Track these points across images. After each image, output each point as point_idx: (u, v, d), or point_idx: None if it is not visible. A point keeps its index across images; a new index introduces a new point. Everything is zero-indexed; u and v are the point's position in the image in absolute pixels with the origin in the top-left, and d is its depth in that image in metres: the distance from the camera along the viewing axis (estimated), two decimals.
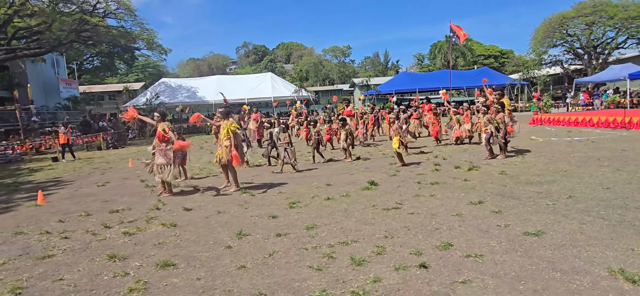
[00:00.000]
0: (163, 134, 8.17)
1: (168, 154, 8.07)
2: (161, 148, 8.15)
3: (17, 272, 4.48)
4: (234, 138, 8.05)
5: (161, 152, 8.12)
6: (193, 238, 5.32)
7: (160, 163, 8.06)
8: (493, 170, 8.64)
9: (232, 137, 8.00)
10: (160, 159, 8.08)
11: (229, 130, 7.98)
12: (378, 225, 5.34)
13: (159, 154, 8.15)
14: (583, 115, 18.00)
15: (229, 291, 3.68)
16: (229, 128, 8.00)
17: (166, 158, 8.04)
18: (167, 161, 8.04)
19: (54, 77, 41.19)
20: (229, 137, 7.95)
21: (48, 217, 6.99)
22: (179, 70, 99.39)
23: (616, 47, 35.81)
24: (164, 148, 8.11)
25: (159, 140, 8.23)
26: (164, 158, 8.05)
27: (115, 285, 4.00)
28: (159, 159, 8.09)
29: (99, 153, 20.41)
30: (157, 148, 8.29)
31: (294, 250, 4.62)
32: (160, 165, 8.06)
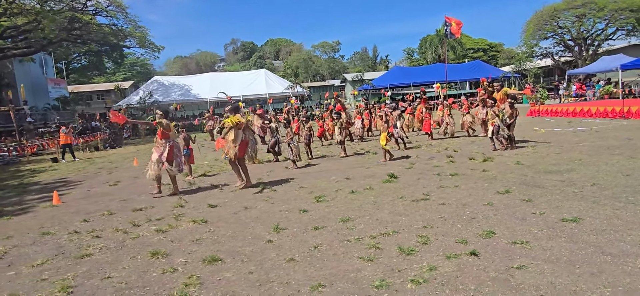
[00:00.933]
0: (161, 132, 8.10)
1: (163, 150, 8.01)
2: (158, 145, 8.10)
3: (60, 272, 4.44)
4: (243, 132, 8.01)
5: (157, 150, 8.06)
6: (229, 233, 5.32)
7: (155, 160, 8.01)
8: (508, 160, 8.77)
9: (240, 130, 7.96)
10: (155, 155, 8.03)
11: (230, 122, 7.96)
12: (412, 216, 5.40)
13: (155, 151, 8.10)
14: (581, 106, 18.32)
15: (286, 284, 3.70)
16: (228, 122, 7.97)
17: (162, 155, 7.98)
18: (162, 158, 7.97)
19: (42, 77, 40.50)
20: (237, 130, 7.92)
21: (70, 217, 6.91)
22: (166, 68, 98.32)
23: (606, 38, 36.44)
24: (161, 145, 8.06)
25: (160, 137, 8.15)
26: (160, 155, 7.98)
27: (167, 280, 3.99)
28: (154, 155, 8.04)
29: (97, 153, 20.16)
30: (155, 145, 8.24)
31: (337, 242, 4.65)
32: (154, 162, 8.01)
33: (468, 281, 3.45)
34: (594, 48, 37.26)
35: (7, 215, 7.39)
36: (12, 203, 8.61)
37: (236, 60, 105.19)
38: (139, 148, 20.71)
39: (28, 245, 5.54)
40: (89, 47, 39.67)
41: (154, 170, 8.07)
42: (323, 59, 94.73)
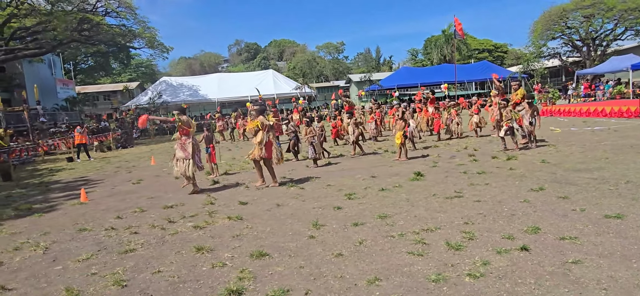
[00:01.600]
0: (183, 129, 8.11)
1: (187, 148, 8.01)
2: (181, 142, 8.10)
3: (107, 266, 4.48)
4: (268, 133, 8.03)
5: (181, 146, 8.07)
6: (268, 229, 5.35)
7: (179, 157, 8.01)
8: (532, 159, 8.78)
9: (265, 132, 7.98)
10: (180, 153, 8.03)
11: (258, 125, 7.96)
12: (450, 212, 5.42)
13: (178, 148, 8.10)
14: (595, 106, 18.28)
15: (340, 277, 3.73)
16: (257, 124, 7.98)
17: (185, 152, 7.98)
18: (186, 155, 7.97)
19: (50, 77, 40.71)
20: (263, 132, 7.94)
21: (101, 214, 6.97)
22: (171, 69, 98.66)
23: (615, 38, 36.32)
24: (184, 142, 8.06)
25: (180, 134, 8.18)
26: (183, 152, 8.00)
27: (218, 274, 4.02)
28: (178, 153, 8.05)
29: (110, 153, 20.24)
30: (177, 142, 8.23)
31: (380, 238, 4.68)
32: (179, 159, 8.01)
33: (526, 275, 3.47)
34: (603, 48, 37.14)
35: (37, 212, 7.43)
36: (39, 201, 8.67)
37: (240, 61, 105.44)
38: (151, 148, 20.79)
39: (67, 241, 5.59)
40: (97, 48, 39.94)
41: (181, 168, 8.08)
42: (327, 59, 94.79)
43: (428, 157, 10.43)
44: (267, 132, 8.09)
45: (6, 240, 5.87)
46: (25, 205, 8.23)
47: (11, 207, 8.20)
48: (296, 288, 3.58)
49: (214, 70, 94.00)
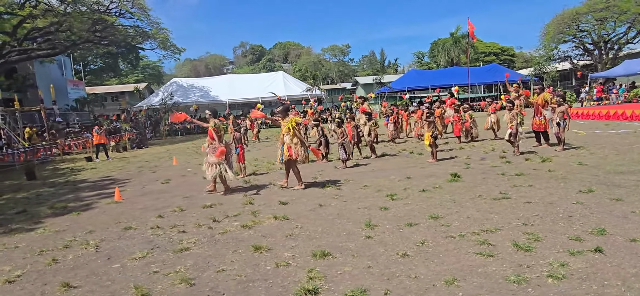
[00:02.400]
0: (213, 131, 8.03)
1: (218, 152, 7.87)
2: (213, 146, 8.01)
3: (166, 265, 4.45)
4: (297, 134, 7.95)
5: (212, 150, 7.98)
6: (319, 229, 5.30)
7: (211, 162, 7.89)
8: (568, 161, 8.70)
9: (295, 133, 7.91)
10: (211, 158, 7.91)
11: (289, 127, 7.89)
12: (503, 214, 5.36)
13: (210, 152, 8.01)
14: (614, 109, 18.15)
15: (415, 278, 3.67)
16: (289, 125, 7.91)
17: (219, 156, 7.84)
18: (220, 158, 7.85)
19: (61, 78, 40.92)
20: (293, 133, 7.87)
21: (140, 213, 6.94)
22: (176, 71, 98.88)
23: (627, 42, 36.12)
24: (215, 147, 7.96)
25: (211, 138, 8.09)
26: (217, 156, 7.86)
27: (285, 273, 3.98)
28: (210, 158, 7.94)
29: (127, 153, 20.26)
30: (209, 147, 8.15)
31: (440, 238, 4.62)
32: (212, 164, 7.90)
33: (609, 277, 3.40)
34: (614, 51, 36.95)
35: (74, 211, 7.43)
36: (71, 200, 8.66)
37: (245, 63, 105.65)
38: (167, 148, 20.80)
39: (115, 239, 5.56)
40: (108, 49, 40.10)
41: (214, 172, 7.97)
42: (332, 62, 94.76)
43: (457, 158, 10.36)
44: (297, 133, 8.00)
45: (52, 237, 5.86)
46: (60, 203, 8.23)
47: (46, 205, 8.20)
48: (373, 288, 3.52)
49: (219, 72, 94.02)
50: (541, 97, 11.72)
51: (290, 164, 8.05)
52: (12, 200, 9.14)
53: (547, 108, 11.41)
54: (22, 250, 5.40)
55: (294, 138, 7.90)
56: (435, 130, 10.39)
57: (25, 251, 5.32)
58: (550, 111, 11.45)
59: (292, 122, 7.94)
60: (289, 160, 7.94)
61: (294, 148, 7.88)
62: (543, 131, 11.33)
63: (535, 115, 11.38)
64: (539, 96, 11.75)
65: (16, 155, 14.30)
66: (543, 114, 11.14)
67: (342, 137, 10.14)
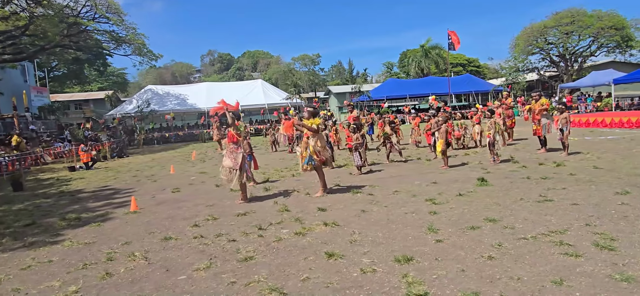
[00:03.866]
0: (234, 135, 7.75)
1: (237, 158, 7.63)
2: (231, 149, 7.73)
3: (239, 275, 4.20)
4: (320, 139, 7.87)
5: (230, 154, 7.69)
6: (380, 235, 5.18)
7: (228, 166, 7.60)
8: (582, 165, 9.01)
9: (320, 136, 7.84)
10: (228, 162, 7.63)
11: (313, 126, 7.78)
12: (558, 215, 5.43)
13: (227, 156, 7.71)
14: (595, 117, 19.08)
15: (518, 279, 3.63)
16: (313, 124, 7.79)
17: (234, 161, 7.59)
18: (235, 165, 7.58)
19: (24, 84, 38.75)
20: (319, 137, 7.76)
21: (169, 223, 6.58)
22: (140, 79, 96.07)
23: (591, 54, 38.30)
24: (234, 150, 7.69)
25: (230, 141, 7.82)
26: (232, 161, 7.61)
27: (378, 279, 3.84)
28: (227, 161, 7.65)
29: (110, 163, 19.29)
30: (227, 150, 7.89)
31: (513, 240, 4.61)
32: (228, 168, 7.61)
33: None
34: (579, 63, 39.07)
35: (92, 222, 6.95)
36: (78, 211, 8.09)
37: (213, 72, 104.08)
38: (152, 157, 20.00)
39: (160, 250, 5.22)
40: (77, 54, 38.36)
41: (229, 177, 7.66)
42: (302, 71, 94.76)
43: (467, 164, 10.49)
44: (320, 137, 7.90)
45: (85, 250, 5.44)
46: (71, 214, 7.68)
47: (55, 217, 7.64)
48: (482, 291, 3.45)
49: (186, 80, 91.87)
50: (539, 104, 12.13)
51: (319, 169, 7.89)
52: (10, 213, 8.45)
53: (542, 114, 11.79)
54: (59, 264, 4.96)
55: (319, 142, 7.76)
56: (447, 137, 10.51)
57: (63, 265, 4.90)
58: (545, 117, 11.85)
59: (316, 123, 7.80)
60: (318, 165, 7.79)
61: (322, 152, 7.74)
62: (540, 136, 11.65)
63: (534, 121, 11.73)
64: (537, 102, 12.16)
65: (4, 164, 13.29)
66: (539, 119, 11.49)
67: (357, 143, 10.07)
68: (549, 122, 11.69)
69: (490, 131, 10.16)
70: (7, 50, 29.95)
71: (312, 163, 7.82)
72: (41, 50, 30.01)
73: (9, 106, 34.41)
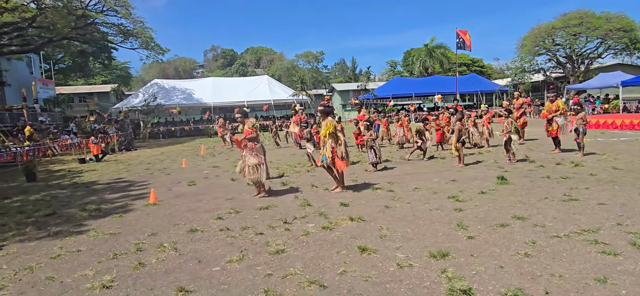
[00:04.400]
0: (251, 132, 7.66)
1: (259, 154, 7.62)
2: (250, 147, 7.65)
3: (273, 267, 4.19)
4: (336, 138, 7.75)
5: (251, 152, 7.63)
6: (409, 230, 5.17)
7: (253, 164, 7.54)
8: (600, 165, 8.99)
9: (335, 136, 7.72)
10: (252, 159, 7.57)
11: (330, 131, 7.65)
12: (587, 215, 5.41)
13: (249, 154, 7.63)
14: (605, 118, 19.03)
15: (560, 276, 3.61)
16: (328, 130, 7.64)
17: (258, 158, 7.58)
18: (259, 160, 7.59)
19: (29, 76, 38.83)
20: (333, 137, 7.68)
21: (193, 216, 6.58)
22: (143, 73, 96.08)
23: (598, 56, 38.18)
24: (253, 147, 7.63)
25: (247, 139, 7.67)
26: (256, 158, 7.57)
27: (416, 274, 3.82)
28: (251, 159, 7.57)
29: (119, 156, 19.31)
30: (247, 149, 7.78)
31: (547, 238, 4.59)
32: (253, 166, 7.54)
33: None
34: (585, 65, 38.96)
35: (113, 214, 6.95)
36: (96, 202, 8.10)
37: (216, 67, 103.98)
38: (161, 151, 20.02)
39: (188, 242, 5.21)
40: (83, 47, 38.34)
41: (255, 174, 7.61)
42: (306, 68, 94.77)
43: (483, 163, 10.46)
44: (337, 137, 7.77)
45: (110, 241, 5.43)
46: (90, 205, 7.68)
47: (74, 207, 7.64)
48: (526, 288, 3.43)
49: (189, 75, 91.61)
50: (555, 104, 12.10)
51: (333, 166, 7.80)
52: (28, 202, 8.46)
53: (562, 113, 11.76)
54: (88, 253, 4.96)
55: (337, 140, 7.69)
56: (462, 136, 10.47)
57: (93, 255, 4.90)
58: (562, 118, 11.83)
59: (330, 127, 7.68)
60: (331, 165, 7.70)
61: (339, 150, 7.67)
62: (554, 137, 11.60)
63: (549, 122, 11.67)
64: (554, 103, 12.13)
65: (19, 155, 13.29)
66: (555, 120, 11.46)
67: (371, 140, 10.04)
68: (567, 123, 11.66)
69: (507, 130, 10.13)
70: (14, 41, 29.96)
71: (326, 162, 7.74)
72: (49, 42, 30.01)
73: (15, 97, 34.47)
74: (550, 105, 12.25)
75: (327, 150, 7.69)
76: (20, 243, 5.54)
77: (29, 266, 4.56)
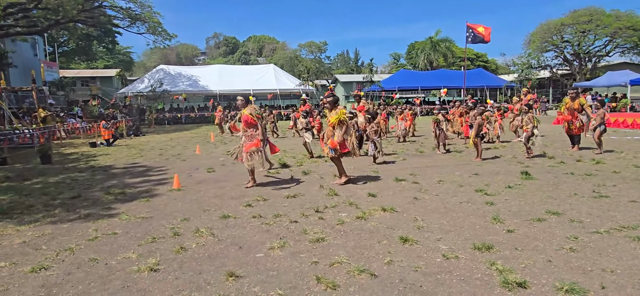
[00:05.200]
0: (251, 119, 7.57)
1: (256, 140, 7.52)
2: (249, 134, 7.57)
3: (317, 255, 4.19)
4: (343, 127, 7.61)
5: (249, 138, 7.56)
6: (444, 222, 5.17)
7: (252, 151, 7.46)
8: (621, 163, 8.99)
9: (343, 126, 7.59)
10: (249, 146, 7.50)
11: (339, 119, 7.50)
12: (621, 212, 5.41)
13: (247, 140, 7.58)
14: (615, 116, 19.00)
15: (611, 271, 3.62)
16: (339, 117, 7.50)
17: (256, 144, 7.48)
18: (259, 146, 7.49)
19: (34, 58, 38.67)
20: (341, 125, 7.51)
21: (220, 202, 6.59)
22: (145, 58, 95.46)
23: (607, 54, 38.05)
24: (252, 134, 7.54)
25: (246, 125, 7.62)
26: (253, 145, 7.47)
27: (464, 266, 3.82)
28: (248, 146, 7.50)
29: (129, 141, 19.27)
30: (245, 135, 7.66)
31: (587, 233, 4.60)
32: (249, 153, 7.47)
33: None
34: (593, 63, 38.83)
35: (140, 198, 6.95)
36: (118, 186, 8.09)
37: (218, 55, 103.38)
38: (171, 137, 19.99)
39: (223, 228, 5.21)
40: (89, 30, 38.11)
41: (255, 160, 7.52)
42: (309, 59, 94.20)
43: (501, 158, 10.45)
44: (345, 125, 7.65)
45: (144, 224, 5.43)
46: (116, 189, 7.67)
47: (101, 191, 7.63)
48: (582, 283, 3.42)
49: (190, 62, 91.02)
50: (577, 102, 11.94)
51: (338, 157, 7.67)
52: (49, 185, 8.44)
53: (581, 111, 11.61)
54: (125, 236, 4.96)
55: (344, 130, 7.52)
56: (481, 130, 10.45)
57: (130, 238, 4.90)
58: (586, 116, 11.62)
59: (341, 114, 7.54)
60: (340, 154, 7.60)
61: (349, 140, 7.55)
62: (577, 134, 11.54)
63: (572, 119, 11.55)
64: (575, 101, 11.96)
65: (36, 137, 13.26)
66: (579, 118, 11.41)
67: (372, 132, 9.95)
68: (590, 122, 11.50)
69: (529, 125, 10.11)
70: (20, 22, 29.73)
71: (332, 153, 7.62)
72: (55, 24, 29.80)
73: (20, 79, 34.30)
74: (572, 102, 12.06)
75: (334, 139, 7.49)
76: (53, 224, 5.53)
77: (69, 248, 4.56)
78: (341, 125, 7.51)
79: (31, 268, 4.02)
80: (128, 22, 31.88)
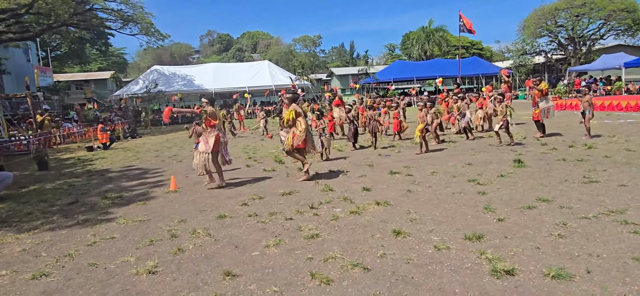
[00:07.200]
0: (211, 120, 7.59)
1: (209, 141, 7.54)
2: (206, 133, 7.63)
3: (311, 252, 4.28)
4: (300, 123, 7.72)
5: (204, 139, 7.65)
6: (436, 214, 5.26)
7: (201, 150, 7.64)
8: (613, 147, 9.09)
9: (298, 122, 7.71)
10: (201, 145, 7.65)
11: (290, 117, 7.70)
12: (610, 196, 5.51)
13: (202, 141, 7.69)
14: (610, 100, 19.11)
15: (596, 256, 3.71)
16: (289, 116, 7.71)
17: (206, 145, 7.55)
18: (206, 148, 7.54)
19: (27, 64, 38.48)
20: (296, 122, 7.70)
21: (218, 202, 6.66)
22: (138, 58, 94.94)
23: (601, 37, 38.10)
24: (208, 135, 7.60)
25: (207, 125, 7.65)
26: (205, 145, 7.58)
27: (455, 256, 3.91)
28: (201, 145, 7.67)
29: (125, 143, 19.29)
30: (203, 135, 7.74)
31: (575, 219, 4.69)
32: (200, 153, 7.65)
33: None
34: (587, 47, 38.90)
35: (136, 201, 7.02)
36: (115, 190, 8.16)
37: (213, 53, 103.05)
38: (166, 138, 20.02)
39: (219, 228, 5.29)
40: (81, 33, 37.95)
41: (199, 160, 7.70)
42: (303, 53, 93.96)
43: (493, 145, 10.54)
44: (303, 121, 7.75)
45: (141, 227, 5.51)
46: (113, 193, 7.74)
47: (95, 196, 7.69)
48: (569, 268, 3.51)
49: (184, 61, 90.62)
50: (542, 86, 11.82)
51: (293, 153, 7.84)
52: (46, 191, 8.50)
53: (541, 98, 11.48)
54: (123, 240, 5.03)
55: (301, 127, 7.67)
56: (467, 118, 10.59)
57: (129, 241, 4.97)
58: (544, 102, 11.54)
59: (291, 114, 7.69)
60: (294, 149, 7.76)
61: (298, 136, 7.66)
62: (536, 120, 11.51)
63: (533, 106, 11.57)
64: (540, 85, 11.87)
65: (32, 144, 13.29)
66: (537, 104, 11.37)
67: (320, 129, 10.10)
68: (549, 107, 11.45)
69: (503, 115, 10.16)
70: (12, 28, 29.59)
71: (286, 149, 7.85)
72: (48, 29, 29.68)
73: (14, 86, 34.17)
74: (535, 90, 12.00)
75: (290, 138, 7.72)
76: (52, 231, 5.60)
77: (68, 254, 4.63)
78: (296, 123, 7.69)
79: (32, 275, 4.10)
80: (120, 24, 31.79)
